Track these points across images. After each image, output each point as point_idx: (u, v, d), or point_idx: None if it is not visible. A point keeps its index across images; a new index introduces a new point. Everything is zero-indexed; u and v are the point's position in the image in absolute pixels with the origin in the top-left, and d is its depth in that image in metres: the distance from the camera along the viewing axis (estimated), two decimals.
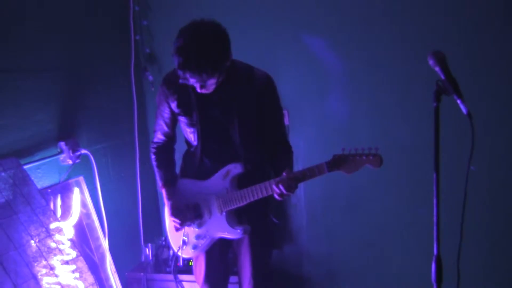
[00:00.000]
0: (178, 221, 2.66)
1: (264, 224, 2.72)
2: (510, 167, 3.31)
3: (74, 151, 3.20)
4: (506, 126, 3.28)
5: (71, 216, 3.15)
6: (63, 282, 2.73)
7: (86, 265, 2.88)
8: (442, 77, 1.78)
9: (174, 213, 2.66)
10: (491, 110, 3.23)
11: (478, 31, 3.23)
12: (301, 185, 2.52)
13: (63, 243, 2.82)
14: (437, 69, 1.80)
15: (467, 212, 1.85)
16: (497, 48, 3.21)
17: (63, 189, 3.15)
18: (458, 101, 1.75)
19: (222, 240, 2.69)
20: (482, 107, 3.09)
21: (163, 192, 2.75)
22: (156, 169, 2.79)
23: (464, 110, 1.74)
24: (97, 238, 3.32)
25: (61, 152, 3.17)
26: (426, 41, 3.27)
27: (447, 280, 1.84)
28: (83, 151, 3.27)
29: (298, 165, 3.37)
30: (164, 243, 3.76)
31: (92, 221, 3.30)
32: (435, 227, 1.82)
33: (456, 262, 1.87)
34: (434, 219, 1.82)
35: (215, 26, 2.33)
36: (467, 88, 1.88)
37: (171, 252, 3.59)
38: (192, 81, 2.33)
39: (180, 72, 2.31)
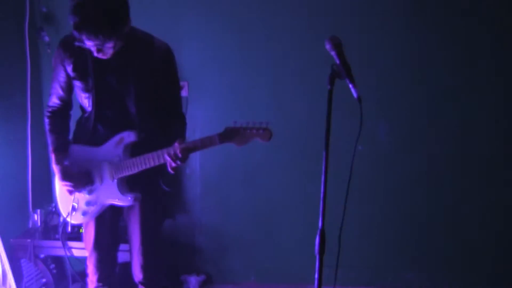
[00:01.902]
0: (69, 185, 2.61)
1: (155, 192, 2.73)
2: (394, 150, 3.52)
3: None
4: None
5: None
6: None
7: None
8: (337, 61, 1.86)
9: (65, 177, 2.61)
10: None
11: None
12: (197, 156, 2.54)
13: None
14: (333, 53, 1.87)
15: (351, 189, 1.97)
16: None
17: None
18: (350, 86, 1.84)
19: (113, 207, 2.67)
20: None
21: (52, 157, 2.67)
22: (48, 134, 2.70)
23: (354, 94, 1.83)
24: None
25: None
26: (332, 25, 3.39)
27: (329, 252, 1.95)
28: None
29: (195, 136, 3.38)
30: (54, 209, 3.65)
31: None
32: (321, 202, 1.91)
33: (338, 235, 1.99)
34: (321, 194, 1.91)
35: None
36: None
37: (61, 218, 3.49)
38: (88, 43, 2.26)
39: (76, 33, 2.23)
